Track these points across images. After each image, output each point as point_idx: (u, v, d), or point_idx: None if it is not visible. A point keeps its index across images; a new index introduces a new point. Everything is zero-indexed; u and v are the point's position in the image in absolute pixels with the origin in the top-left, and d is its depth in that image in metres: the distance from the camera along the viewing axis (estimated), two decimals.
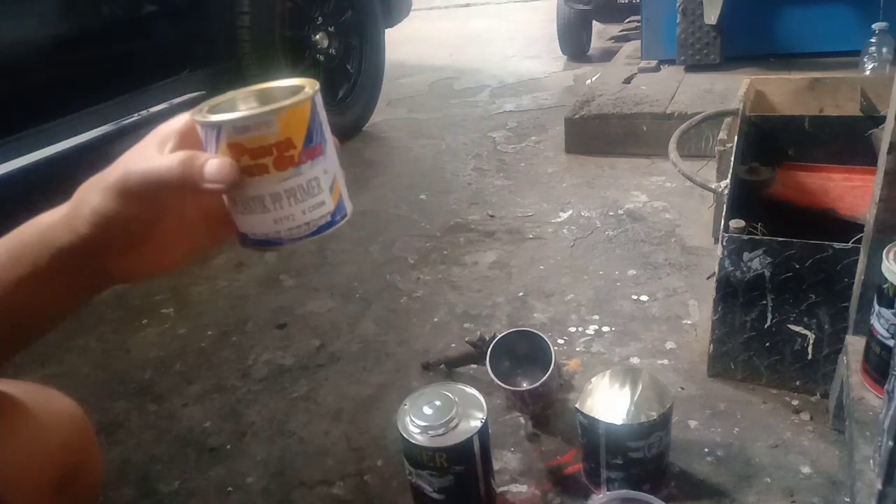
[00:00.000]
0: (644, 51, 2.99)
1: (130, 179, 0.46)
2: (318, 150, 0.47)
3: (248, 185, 0.46)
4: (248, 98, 0.52)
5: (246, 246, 0.50)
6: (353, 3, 2.71)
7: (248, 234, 0.50)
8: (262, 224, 0.48)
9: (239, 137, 0.45)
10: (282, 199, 0.47)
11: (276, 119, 0.45)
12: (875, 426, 0.82)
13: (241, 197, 0.47)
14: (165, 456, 1.16)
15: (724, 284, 1.11)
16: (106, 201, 0.47)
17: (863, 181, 1.35)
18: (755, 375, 1.16)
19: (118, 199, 0.46)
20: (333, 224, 0.50)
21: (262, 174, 0.46)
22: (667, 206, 1.92)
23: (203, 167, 0.45)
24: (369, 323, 1.50)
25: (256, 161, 0.45)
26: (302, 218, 0.48)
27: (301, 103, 0.46)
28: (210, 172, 0.45)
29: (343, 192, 0.51)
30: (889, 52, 2.27)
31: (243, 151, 0.45)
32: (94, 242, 0.48)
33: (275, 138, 0.45)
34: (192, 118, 0.48)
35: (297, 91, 0.48)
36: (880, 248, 0.88)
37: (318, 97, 0.48)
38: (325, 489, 1.06)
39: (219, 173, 0.45)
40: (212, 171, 0.45)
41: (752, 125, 1.57)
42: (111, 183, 0.47)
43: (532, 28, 5.00)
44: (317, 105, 0.48)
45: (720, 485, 0.98)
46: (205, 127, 0.47)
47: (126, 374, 1.40)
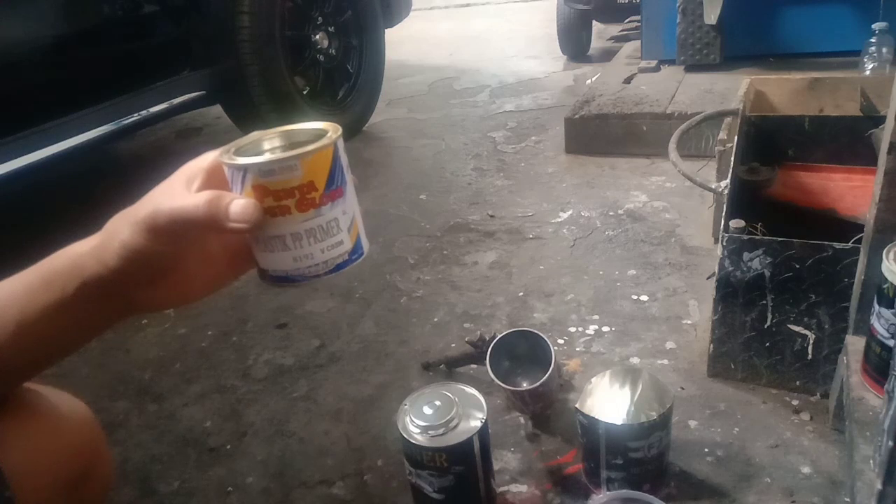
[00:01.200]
0: (644, 51, 2.99)
1: (159, 217, 0.48)
2: (338, 193, 0.50)
3: (271, 224, 0.48)
4: (272, 139, 0.54)
5: (266, 281, 0.52)
6: (353, 3, 2.71)
7: (268, 270, 0.52)
8: (282, 262, 0.50)
9: (264, 180, 0.47)
10: (302, 239, 0.49)
11: (300, 163, 0.47)
12: (875, 426, 0.82)
13: (263, 235, 0.50)
14: (165, 456, 1.16)
15: (724, 284, 1.11)
16: (135, 236, 0.49)
17: (863, 181, 1.35)
18: (755, 375, 1.16)
19: (146, 235, 0.48)
20: (350, 262, 0.52)
21: (284, 215, 0.48)
22: (667, 206, 1.92)
23: (228, 207, 0.47)
24: (369, 323, 1.50)
25: (279, 202, 0.48)
26: (321, 256, 0.50)
27: (324, 148, 0.48)
28: (235, 213, 0.47)
29: (361, 231, 0.53)
30: (889, 52, 2.27)
31: (267, 193, 0.47)
32: (121, 274, 0.50)
33: (298, 181, 0.47)
34: (219, 159, 0.50)
35: (320, 135, 0.50)
36: (880, 248, 0.88)
37: (340, 141, 0.50)
38: (325, 489, 1.06)
39: (243, 214, 0.47)
40: (236, 211, 0.47)
41: (752, 125, 1.57)
42: (141, 219, 0.48)
43: (532, 28, 5.00)
44: (339, 149, 0.50)
45: (720, 485, 0.98)
46: (231, 168, 0.49)
47: (126, 374, 1.40)
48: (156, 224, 0.48)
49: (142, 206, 0.50)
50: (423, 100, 3.41)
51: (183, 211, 0.47)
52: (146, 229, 0.48)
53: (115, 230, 0.50)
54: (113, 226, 0.51)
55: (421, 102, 3.36)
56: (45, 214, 2.19)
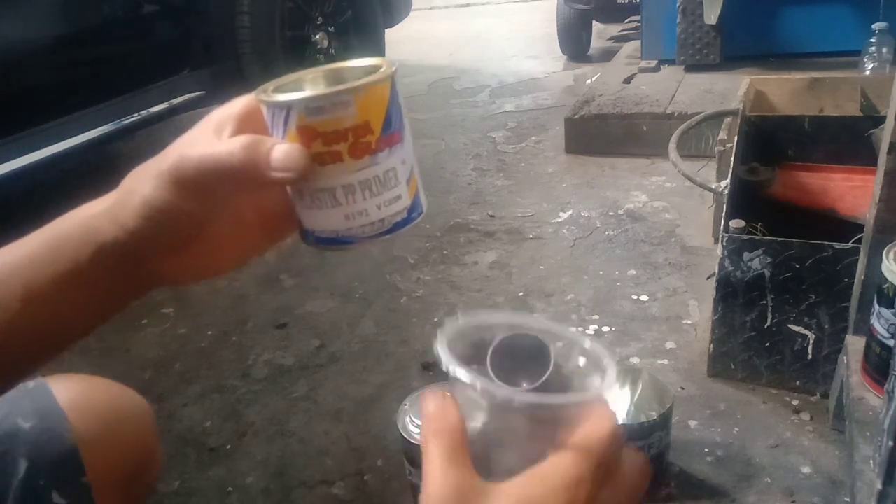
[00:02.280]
0: (644, 51, 2.99)
1: (186, 166, 0.41)
2: (396, 137, 0.42)
3: (319, 174, 0.41)
4: (315, 79, 0.46)
5: (311, 244, 0.45)
6: (353, 3, 2.72)
7: (314, 230, 0.44)
8: (331, 220, 0.43)
9: (311, 120, 0.40)
10: (355, 192, 0.42)
11: (353, 99, 0.40)
12: (875, 426, 0.82)
13: (309, 189, 0.42)
14: (165, 456, 1.16)
15: (724, 284, 1.11)
16: (158, 191, 0.41)
17: (863, 181, 1.35)
18: (755, 375, 1.16)
19: (172, 189, 0.41)
20: (410, 221, 0.45)
21: (334, 162, 0.41)
22: (667, 206, 1.92)
23: (270, 153, 0.39)
24: (369, 323, 1.50)
25: (329, 148, 0.40)
26: (377, 214, 0.43)
27: (380, 83, 0.41)
28: (278, 159, 0.39)
29: (419, 185, 0.46)
30: (889, 52, 2.27)
31: (315, 136, 0.40)
32: (141, 238, 0.42)
33: (351, 121, 0.40)
34: (257, 98, 0.42)
35: (372, 70, 0.43)
36: (880, 248, 0.88)
37: (397, 78, 0.43)
38: (325, 489, 1.06)
39: (288, 160, 0.39)
40: (280, 157, 0.39)
41: (752, 125, 1.57)
42: (165, 170, 0.41)
43: (532, 28, 5.00)
44: (396, 86, 0.43)
45: (720, 485, 0.98)
46: (272, 108, 0.41)
47: (126, 374, 1.40)
48: (182, 175, 0.41)
49: (165, 158, 0.42)
50: (423, 100, 3.41)
51: (215, 158, 0.40)
52: (171, 182, 0.41)
53: (134, 186, 0.43)
54: (131, 181, 0.44)
55: (421, 102, 3.36)
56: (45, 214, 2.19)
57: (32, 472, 0.52)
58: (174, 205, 0.41)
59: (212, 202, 0.43)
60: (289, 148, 0.39)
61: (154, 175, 0.42)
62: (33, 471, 0.52)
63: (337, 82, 0.44)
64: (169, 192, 0.41)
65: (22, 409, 0.56)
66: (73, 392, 0.60)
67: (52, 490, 0.52)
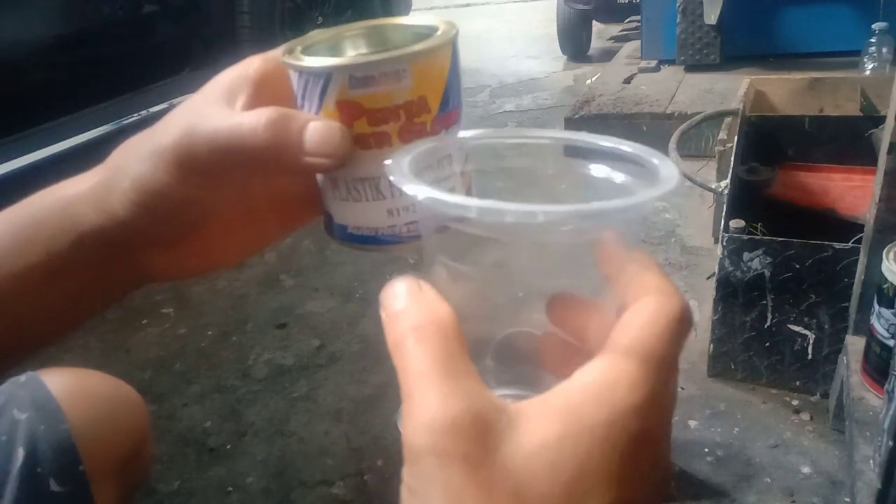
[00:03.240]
0: (644, 51, 2.99)
1: (195, 143, 0.32)
2: (454, 117, 0.34)
3: (360, 161, 0.32)
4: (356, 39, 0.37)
5: (342, 242, 0.37)
6: (353, 3, 2.72)
7: (347, 226, 0.36)
8: (371, 215, 0.35)
9: (356, 93, 0.31)
10: None
11: (410, 69, 0.31)
12: (875, 426, 0.82)
13: (346, 177, 0.34)
14: (165, 456, 1.16)
15: (724, 284, 1.11)
16: (157, 172, 0.33)
17: (863, 181, 1.35)
18: (755, 375, 1.16)
19: (173, 171, 0.33)
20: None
21: (381, 147, 0.32)
22: (667, 206, 1.92)
23: (303, 132, 0.31)
24: (369, 323, 1.50)
25: (376, 129, 0.32)
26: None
27: (442, 48, 0.32)
28: (313, 141, 0.31)
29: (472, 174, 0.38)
30: (889, 52, 2.27)
31: (360, 113, 0.32)
32: (131, 228, 0.35)
33: (405, 96, 0.31)
34: (283, 60, 0.33)
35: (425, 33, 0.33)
36: (880, 248, 0.88)
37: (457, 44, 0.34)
38: (325, 489, 1.06)
39: (326, 143, 0.31)
40: (316, 138, 0.31)
41: (752, 125, 1.57)
42: (165, 147, 0.33)
43: (532, 28, 5.00)
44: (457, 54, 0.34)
45: (720, 485, 0.98)
46: (305, 74, 0.32)
47: (126, 374, 1.40)
48: (189, 155, 0.32)
49: (164, 130, 0.33)
50: None
51: (232, 135, 0.31)
52: (173, 162, 0.32)
53: (124, 164, 0.35)
54: (122, 158, 0.35)
55: None
56: None
57: (30, 460, 0.53)
58: (174, 190, 0.33)
59: (220, 187, 0.35)
60: (327, 127, 0.31)
61: (150, 152, 0.33)
62: (31, 460, 0.53)
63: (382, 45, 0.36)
64: (169, 174, 0.33)
65: (17, 401, 0.56)
66: (66, 383, 0.61)
67: (50, 478, 0.53)
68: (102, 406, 0.63)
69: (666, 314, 0.24)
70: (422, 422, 0.22)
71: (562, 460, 0.21)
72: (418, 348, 0.24)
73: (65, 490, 0.53)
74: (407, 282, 0.27)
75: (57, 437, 0.55)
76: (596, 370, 0.23)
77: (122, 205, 0.34)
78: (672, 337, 0.24)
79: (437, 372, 0.23)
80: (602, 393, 0.22)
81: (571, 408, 0.22)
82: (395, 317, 0.25)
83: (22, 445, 0.53)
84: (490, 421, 0.22)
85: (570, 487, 0.21)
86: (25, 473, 0.52)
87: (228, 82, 0.35)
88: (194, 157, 0.32)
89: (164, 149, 0.33)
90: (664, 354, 0.24)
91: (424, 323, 0.24)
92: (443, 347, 0.23)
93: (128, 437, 0.65)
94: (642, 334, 0.24)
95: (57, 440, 0.55)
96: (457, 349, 0.24)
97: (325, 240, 0.40)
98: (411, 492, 0.23)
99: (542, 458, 0.21)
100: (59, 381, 0.60)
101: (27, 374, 0.60)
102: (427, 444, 0.22)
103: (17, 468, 0.52)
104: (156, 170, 0.33)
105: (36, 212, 0.37)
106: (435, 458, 0.21)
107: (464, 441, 0.21)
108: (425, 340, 0.24)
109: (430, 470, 0.22)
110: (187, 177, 0.33)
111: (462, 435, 0.21)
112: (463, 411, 0.22)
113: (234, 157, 0.32)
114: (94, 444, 0.57)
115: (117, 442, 0.62)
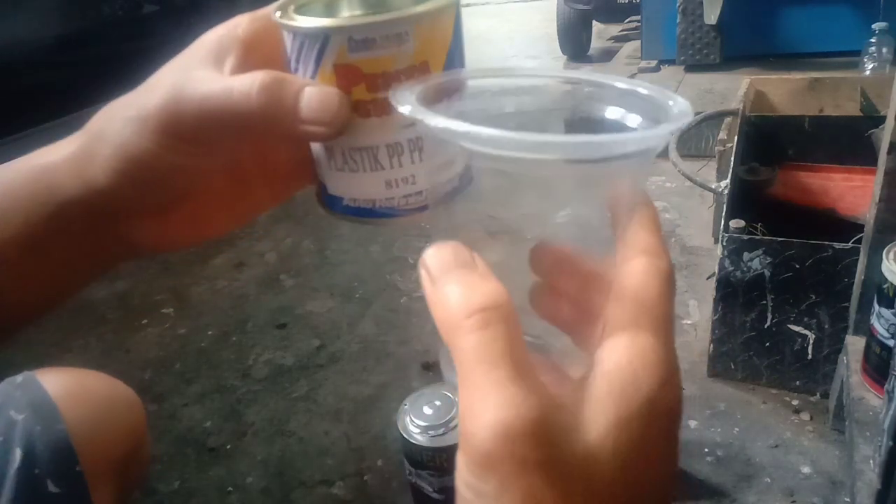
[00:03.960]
0: (644, 51, 2.99)
1: (184, 108, 0.30)
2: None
3: (359, 129, 0.31)
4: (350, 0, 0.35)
5: (336, 214, 0.35)
6: None
7: (343, 197, 0.34)
8: (369, 186, 0.33)
9: (355, 57, 0.29)
10: (402, 153, 0.32)
11: (412, 31, 0.29)
12: (875, 426, 0.82)
13: (343, 146, 0.32)
14: (165, 456, 1.16)
15: (724, 284, 1.11)
16: (140, 139, 0.31)
17: (863, 181, 1.35)
18: (755, 375, 1.16)
19: (158, 139, 0.31)
20: (460, 190, 0.35)
21: (380, 115, 0.31)
22: (667, 206, 1.92)
23: (298, 98, 0.30)
24: (369, 323, 1.50)
25: (375, 95, 0.30)
26: (425, 181, 0.33)
27: (445, 11, 0.31)
28: (310, 108, 0.29)
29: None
30: (889, 52, 2.27)
31: (358, 79, 0.30)
32: (114, 198, 0.33)
33: (407, 61, 0.30)
34: (276, 19, 0.31)
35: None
36: (880, 248, 0.88)
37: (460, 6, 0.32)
38: (325, 489, 1.06)
39: (323, 109, 0.29)
40: (313, 105, 0.29)
41: (752, 125, 1.57)
42: (150, 112, 0.31)
43: (532, 28, 5.00)
44: (460, 17, 0.32)
45: (720, 485, 0.98)
46: (300, 36, 0.30)
47: (126, 374, 1.40)
48: (176, 121, 0.31)
49: (149, 94, 0.32)
50: None
51: (222, 101, 0.30)
52: (159, 129, 0.31)
53: (106, 130, 0.33)
54: (103, 123, 0.33)
55: None
56: None
57: (27, 461, 0.53)
58: (159, 158, 0.32)
59: (208, 154, 0.33)
60: (324, 93, 0.30)
61: (134, 117, 0.31)
62: (28, 461, 0.53)
63: (380, 6, 0.34)
64: (154, 141, 0.31)
65: (14, 402, 0.56)
66: (63, 384, 0.61)
67: (48, 479, 0.53)
68: (99, 406, 0.63)
69: (658, 275, 0.25)
70: (495, 424, 0.21)
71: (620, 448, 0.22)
72: (483, 335, 0.22)
73: (62, 491, 0.53)
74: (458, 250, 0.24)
75: (54, 437, 0.55)
76: (621, 346, 0.23)
77: (104, 173, 0.32)
78: (669, 298, 0.25)
79: (505, 366, 0.22)
80: (637, 373, 0.23)
81: (615, 394, 0.22)
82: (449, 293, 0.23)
83: (19, 446, 0.53)
84: (558, 422, 0.22)
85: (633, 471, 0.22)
86: (23, 475, 0.52)
87: (216, 43, 0.33)
88: (181, 123, 0.31)
89: (149, 114, 0.31)
90: (666, 318, 0.24)
91: (487, 305, 0.22)
92: (508, 337, 0.22)
93: (125, 437, 0.65)
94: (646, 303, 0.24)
95: (54, 441, 0.55)
96: (520, 340, 0.22)
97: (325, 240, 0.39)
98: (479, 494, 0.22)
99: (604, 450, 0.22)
100: (55, 381, 0.60)
101: (24, 375, 0.60)
102: (504, 450, 0.21)
103: (15, 469, 0.52)
104: (139, 137, 0.31)
105: (12, 182, 0.35)
106: (513, 465, 0.21)
107: (541, 447, 0.21)
108: (489, 326, 0.22)
109: (507, 477, 0.21)
110: (173, 144, 0.31)
111: (539, 440, 0.21)
112: (538, 416, 0.21)
113: (225, 124, 0.31)
114: (91, 445, 0.57)
115: (114, 442, 0.62)
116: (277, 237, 1.95)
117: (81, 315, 1.63)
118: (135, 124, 0.31)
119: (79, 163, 0.33)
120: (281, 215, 2.10)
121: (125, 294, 1.71)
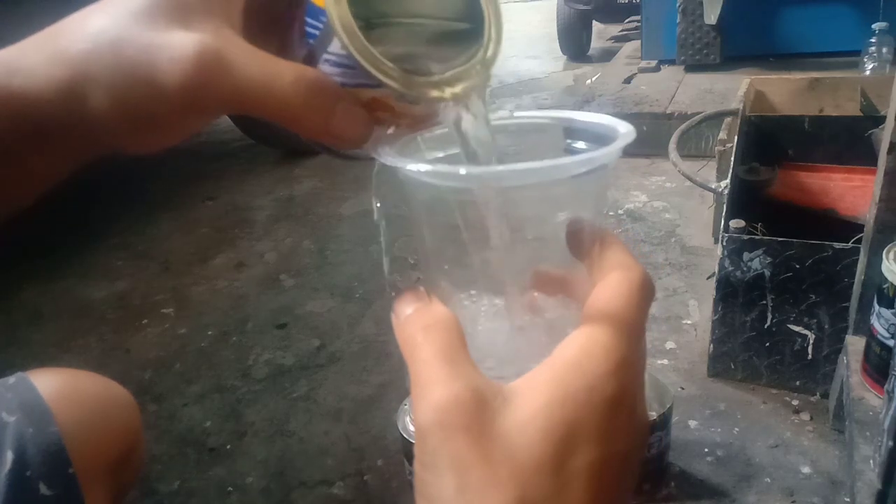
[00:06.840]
0: (644, 51, 3.00)
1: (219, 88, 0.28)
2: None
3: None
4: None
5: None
6: None
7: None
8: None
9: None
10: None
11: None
12: (875, 426, 0.82)
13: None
14: (165, 456, 1.16)
15: (724, 284, 1.11)
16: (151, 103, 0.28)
17: (863, 181, 1.35)
18: (755, 375, 1.16)
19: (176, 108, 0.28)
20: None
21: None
22: (667, 206, 1.92)
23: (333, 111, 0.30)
24: (369, 323, 1.50)
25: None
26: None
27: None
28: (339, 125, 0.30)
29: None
30: (889, 52, 2.27)
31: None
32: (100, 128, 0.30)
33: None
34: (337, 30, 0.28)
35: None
36: (880, 248, 0.88)
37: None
38: (325, 489, 1.06)
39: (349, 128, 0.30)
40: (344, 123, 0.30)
41: (752, 125, 1.57)
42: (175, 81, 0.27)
43: (532, 28, 5.00)
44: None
45: (720, 485, 0.98)
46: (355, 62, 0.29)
47: (126, 374, 1.40)
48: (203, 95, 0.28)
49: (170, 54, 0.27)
50: None
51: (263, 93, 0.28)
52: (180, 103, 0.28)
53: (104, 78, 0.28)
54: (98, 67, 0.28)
55: None
56: (44, 214, 2.19)
57: (19, 464, 0.52)
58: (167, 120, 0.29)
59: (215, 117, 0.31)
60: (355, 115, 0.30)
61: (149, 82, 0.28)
62: (20, 463, 0.52)
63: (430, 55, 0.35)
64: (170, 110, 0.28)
65: (5, 403, 0.56)
66: (56, 385, 0.60)
67: (40, 482, 0.52)
68: (93, 407, 0.62)
69: (629, 284, 0.27)
70: (428, 401, 0.25)
71: (550, 425, 0.24)
72: (426, 342, 0.27)
73: (55, 493, 0.53)
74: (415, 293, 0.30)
75: (46, 439, 0.54)
76: (575, 342, 0.26)
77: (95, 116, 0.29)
78: (638, 302, 0.27)
79: (440, 360, 0.26)
80: (581, 362, 0.25)
81: (556, 379, 0.25)
82: (406, 320, 0.28)
83: (10, 449, 0.53)
84: (487, 397, 0.25)
85: (560, 448, 0.24)
86: (14, 477, 0.52)
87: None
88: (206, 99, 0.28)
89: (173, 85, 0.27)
90: (632, 320, 0.26)
91: (431, 323, 0.27)
92: (447, 340, 0.27)
93: (119, 438, 0.64)
94: (610, 306, 0.27)
95: (46, 443, 0.54)
96: (458, 343, 0.27)
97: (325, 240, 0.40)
98: (423, 465, 0.25)
99: (534, 425, 0.24)
100: (48, 382, 0.60)
101: (16, 376, 0.59)
102: (433, 419, 0.24)
103: (6, 472, 0.52)
104: (151, 101, 0.28)
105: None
106: (441, 431, 0.24)
107: (465, 415, 0.24)
108: (431, 335, 0.27)
109: (437, 443, 0.24)
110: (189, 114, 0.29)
111: (463, 409, 0.24)
112: (463, 389, 0.25)
113: (253, 111, 0.29)
114: (84, 447, 0.57)
115: (108, 443, 0.62)
116: (277, 237, 1.95)
117: (81, 315, 1.63)
118: (149, 88, 0.28)
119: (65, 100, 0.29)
120: (281, 215, 2.10)
121: (125, 294, 1.71)
